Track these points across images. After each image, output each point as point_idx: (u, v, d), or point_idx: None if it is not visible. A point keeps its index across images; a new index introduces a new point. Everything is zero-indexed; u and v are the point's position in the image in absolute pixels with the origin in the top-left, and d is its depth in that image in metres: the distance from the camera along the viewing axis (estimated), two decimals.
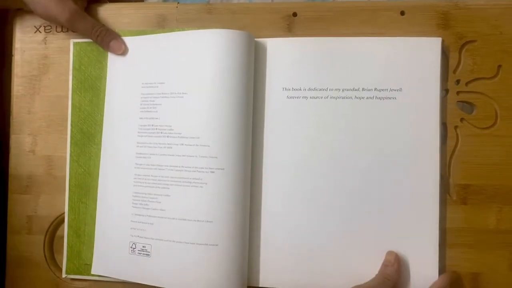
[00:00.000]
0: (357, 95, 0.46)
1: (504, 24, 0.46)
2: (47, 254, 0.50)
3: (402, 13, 0.47)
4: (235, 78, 0.45)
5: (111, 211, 0.48)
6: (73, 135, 0.50)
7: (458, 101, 0.47)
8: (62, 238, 0.49)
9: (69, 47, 0.50)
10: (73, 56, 0.50)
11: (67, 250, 0.49)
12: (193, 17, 0.50)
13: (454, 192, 0.46)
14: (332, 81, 0.47)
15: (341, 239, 0.46)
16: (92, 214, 0.49)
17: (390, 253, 0.44)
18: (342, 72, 0.47)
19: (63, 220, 0.50)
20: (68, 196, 0.50)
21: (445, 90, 0.47)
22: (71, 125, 0.50)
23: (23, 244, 0.50)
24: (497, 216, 0.46)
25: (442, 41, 0.46)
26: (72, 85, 0.50)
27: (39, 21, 0.51)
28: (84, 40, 0.50)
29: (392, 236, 0.45)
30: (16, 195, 0.51)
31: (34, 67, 0.51)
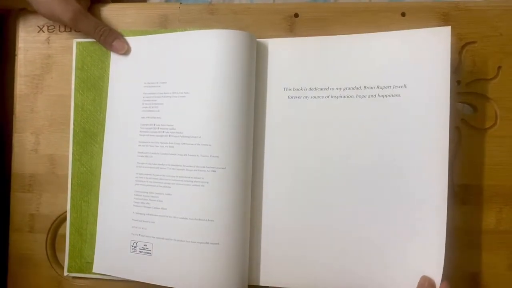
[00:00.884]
0: (359, 94, 0.46)
1: (504, 26, 0.47)
2: (49, 253, 0.50)
3: (403, 14, 0.48)
4: (237, 78, 0.46)
5: (113, 210, 0.49)
6: (76, 134, 0.50)
7: (459, 102, 0.47)
8: (64, 237, 0.50)
9: (72, 47, 0.51)
10: (76, 56, 0.51)
11: (69, 249, 0.50)
12: (195, 18, 0.50)
13: (454, 192, 0.47)
14: (333, 81, 0.47)
15: (343, 239, 0.46)
16: (94, 213, 0.49)
17: (424, 278, 0.43)
18: (344, 71, 0.46)
19: (65, 219, 0.50)
20: (70, 195, 0.50)
21: None
22: (74, 124, 0.50)
23: (25, 242, 0.50)
24: (497, 216, 0.46)
25: (452, 29, 0.43)
26: (75, 85, 0.51)
27: (43, 21, 0.51)
28: (87, 40, 0.50)
29: (396, 237, 0.45)
30: (19, 194, 0.51)
31: (37, 67, 0.51)
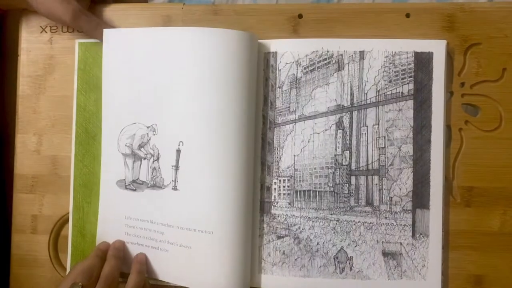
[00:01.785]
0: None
1: (509, 27, 0.46)
2: (52, 254, 0.50)
3: (408, 16, 0.47)
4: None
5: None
6: (78, 135, 0.50)
7: (463, 104, 0.47)
8: (67, 238, 0.50)
9: (75, 47, 0.50)
10: (78, 57, 0.50)
11: (72, 250, 0.49)
12: (199, 18, 0.50)
13: (458, 194, 0.46)
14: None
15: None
16: (95, 213, 0.49)
17: None
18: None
19: (68, 220, 0.50)
20: (73, 196, 0.50)
21: (450, 93, 0.47)
22: (76, 125, 0.50)
23: (28, 244, 0.50)
24: (501, 219, 0.46)
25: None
26: (77, 85, 0.50)
27: (45, 21, 0.51)
28: (89, 41, 0.50)
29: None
30: (21, 195, 0.51)
31: (40, 67, 0.51)
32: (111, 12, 0.50)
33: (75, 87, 0.50)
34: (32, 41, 0.51)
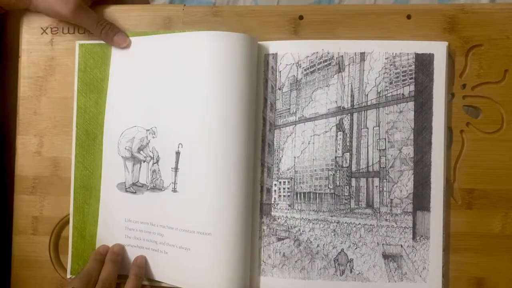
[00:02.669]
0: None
1: (511, 29, 0.46)
2: (53, 255, 0.50)
3: (409, 17, 0.47)
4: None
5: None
6: (78, 137, 0.50)
7: (464, 105, 0.47)
8: (67, 239, 0.50)
9: (75, 49, 0.50)
10: (79, 58, 0.50)
11: (72, 251, 0.50)
12: (199, 20, 0.50)
13: (459, 197, 0.46)
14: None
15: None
16: (95, 214, 0.49)
17: None
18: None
19: (68, 221, 0.50)
20: (73, 198, 0.50)
21: (451, 94, 0.47)
22: (76, 127, 0.50)
23: (29, 245, 0.50)
24: (502, 221, 0.46)
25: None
26: (78, 87, 0.50)
27: (46, 23, 0.51)
28: (90, 42, 0.50)
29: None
30: (22, 196, 0.51)
31: (41, 69, 0.51)
32: (112, 14, 0.50)
33: (76, 89, 0.50)
34: (33, 43, 0.51)
